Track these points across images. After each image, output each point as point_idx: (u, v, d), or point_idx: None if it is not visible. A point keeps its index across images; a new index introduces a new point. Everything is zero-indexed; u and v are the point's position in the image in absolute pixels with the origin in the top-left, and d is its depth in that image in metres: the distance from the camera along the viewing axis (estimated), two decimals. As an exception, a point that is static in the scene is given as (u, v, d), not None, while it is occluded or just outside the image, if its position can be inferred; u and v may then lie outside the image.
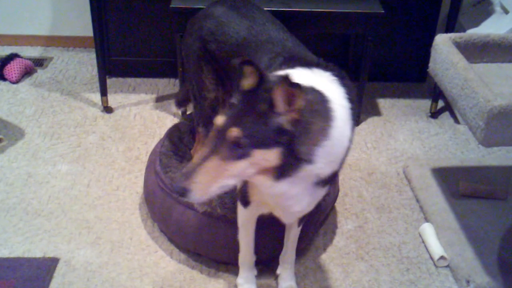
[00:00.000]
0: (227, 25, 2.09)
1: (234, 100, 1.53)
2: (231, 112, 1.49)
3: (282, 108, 1.45)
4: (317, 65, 1.74)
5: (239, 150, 1.46)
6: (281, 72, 1.59)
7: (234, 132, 1.44)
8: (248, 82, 1.50)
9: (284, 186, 1.59)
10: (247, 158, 1.47)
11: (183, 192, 1.47)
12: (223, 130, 1.47)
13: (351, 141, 1.67)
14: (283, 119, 1.46)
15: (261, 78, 1.49)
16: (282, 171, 1.52)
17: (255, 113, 1.46)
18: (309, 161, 1.53)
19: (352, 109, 1.66)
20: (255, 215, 2.00)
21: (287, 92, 1.42)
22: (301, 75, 1.62)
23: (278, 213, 1.86)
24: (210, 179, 1.47)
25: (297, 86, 1.41)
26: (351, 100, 1.67)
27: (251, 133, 1.45)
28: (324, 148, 1.54)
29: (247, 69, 1.49)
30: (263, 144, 1.46)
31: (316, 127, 1.52)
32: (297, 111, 1.45)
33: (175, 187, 1.48)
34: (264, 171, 1.52)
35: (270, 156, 1.48)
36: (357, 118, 3.20)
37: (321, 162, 1.57)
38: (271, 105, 1.45)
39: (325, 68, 1.73)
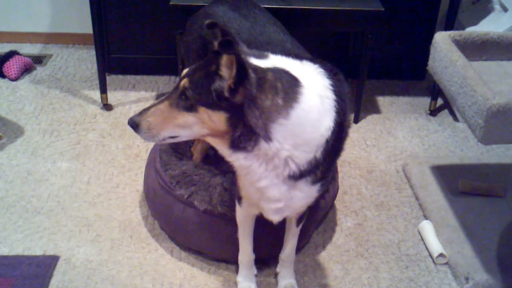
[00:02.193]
0: (228, 25, 2.09)
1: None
2: (193, 67, 1.60)
3: (225, 73, 1.51)
4: (310, 60, 1.75)
5: (186, 101, 1.56)
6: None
7: (183, 82, 1.55)
8: (214, 44, 1.54)
9: (241, 158, 1.63)
10: (194, 113, 1.56)
11: (133, 125, 1.61)
12: (178, 82, 1.59)
13: (333, 132, 1.65)
14: (223, 84, 1.51)
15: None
16: (237, 141, 1.58)
17: (205, 71, 1.55)
18: (266, 137, 1.56)
19: (337, 101, 1.66)
20: (251, 214, 2.01)
21: (228, 58, 1.48)
22: (285, 62, 1.64)
23: (266, 212, 1.86)
24: (159, 122, 1.60)
25: (232, 53, 1.45)
26: (337, 93, 1.67)
27: (196, 88, 1.54)
28: (282, 127, 1.56)
29: (216, 31, 1.54)
30: (207, 103, 1.54)
31: (268, 103, 1.53)
32: (232, 78, 1.49)
33: (128, 120, 1.62)
34: (218, 135, 1.59)
35: (215, 118, 1.55)
36: (356, 116, 3.21)
37: (284, 143, 1.59)
38: (218, 67, 1.52)
39: (316, 62, 1.75)
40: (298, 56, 1.76)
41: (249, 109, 1.52)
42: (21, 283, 2.15)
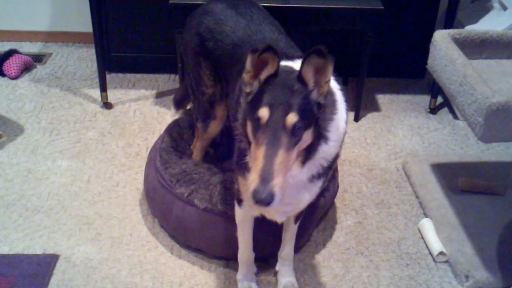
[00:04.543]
0: (225, 23, 2.10)
1: (249, 90, 1.52)
2: (269, 101, 1.45)
3: (313, 83, 1.46)
4: (300, 57, 1.77)
5: (297, 135, 1.44)
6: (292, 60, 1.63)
7: (291, 117, 1.42)
8: (269, 69, 1.50)
9: (305, 171, 1.60)
10: (300, 142, 1.46)
11: (271, 199, 1.39)
12: (277, 121, 1.42)
13: (346, 123, 1.69)
14: (316, 93, 1.47)
15: (279, 63, 1.49)
16: (308, 153, 1.53)
17: (294, 95, 1.45)
18: (325, 138, 1.55)
19: (342, 90, 1.70)
20: (251, 215, 2.01)
21: (317, 64, 1.43)
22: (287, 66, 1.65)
23: (271, 215, 1.86)
24: (283, 175, 1.42)
25: (328, 56, 1.41)
26: (339, 83, 1.72)
27: (302, 114, 1.43)
28: (333, 122, 1.57)
29: (267, 56, 1.47)
30: (310, 123, 1.47)
31: (329, 100, 1.56)
32: (327, 82, 1.45)
33: (261, 199, 1.38)
34: (299, 154, 1.52)
35: (308, 135, 1.49)
36: (357, 114, 3.21)
37: (333, 140, 1.59)
38: (303, 83, 1.46)
39: None
40: (290, 57, 1.78)
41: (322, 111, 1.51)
42: (21, 282, 2.15)
